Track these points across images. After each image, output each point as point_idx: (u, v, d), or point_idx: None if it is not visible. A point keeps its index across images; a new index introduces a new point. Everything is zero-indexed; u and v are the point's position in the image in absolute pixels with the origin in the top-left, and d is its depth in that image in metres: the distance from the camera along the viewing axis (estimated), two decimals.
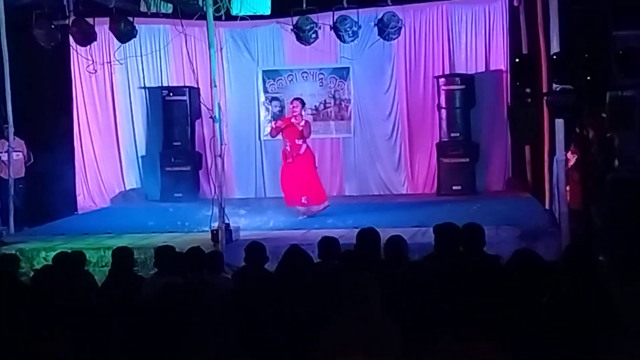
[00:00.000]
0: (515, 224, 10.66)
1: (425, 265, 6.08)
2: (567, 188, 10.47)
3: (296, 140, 12.26)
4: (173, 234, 11.31)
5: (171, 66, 15.53)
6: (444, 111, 14.48)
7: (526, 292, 5.11)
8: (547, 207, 11.98)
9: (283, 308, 5.54)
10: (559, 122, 10.17)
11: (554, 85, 9.52)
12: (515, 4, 13.93)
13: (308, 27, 12.17)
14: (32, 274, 8.02)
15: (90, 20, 12.59)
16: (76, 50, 13.94)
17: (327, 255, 6.99)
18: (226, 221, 10.35)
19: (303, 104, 12.61)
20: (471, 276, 5.13)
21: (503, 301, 5.03)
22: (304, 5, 12.19)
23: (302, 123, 12.27)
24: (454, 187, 14.29)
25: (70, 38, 12.82)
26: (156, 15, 12.59)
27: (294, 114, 12.31)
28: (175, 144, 15.24)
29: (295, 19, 12.27)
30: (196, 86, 14.53)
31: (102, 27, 13.34)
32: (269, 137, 13.46)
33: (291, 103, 12.59)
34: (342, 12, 12.46)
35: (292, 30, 12.35)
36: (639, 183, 10.06)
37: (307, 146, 12.49)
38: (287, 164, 12.38)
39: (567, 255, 5.68)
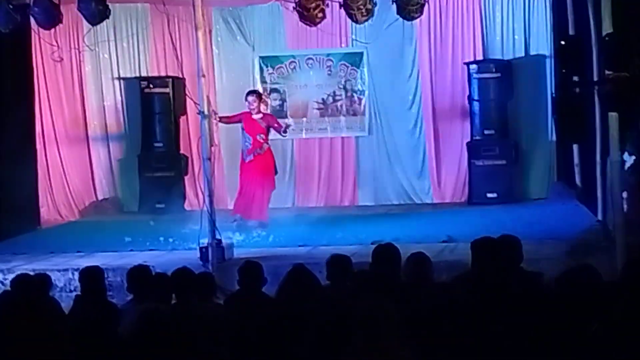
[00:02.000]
0: (561, 237, 10.70)
1: (454, 288, 6.09)
2: (624, 195, 10.45)
3: (257, 137, 12.59)
4: (154, 252, 11.37)
5: (151, 53, 15.59)
6: (476, 104, 14.50)
7: (575, 316, 5.12)
8: (599, 217, 11.97)
9: (285, 339, 5.54)
10: (613, 117, 10.14)
11: (607, 73, 9.51)
12: None
13: (313, 4, 12.15)
14: None
15: None
16: (38, 35, 13.96)
17: (337, 276, 6.99)
18: (217, 237, 10.37)
19: (260, 97, 12.95)
20: (509, 300, 5.14)
21: (547, 327, 5.03)
22: None
23: (261, 117, 12.71)
24: (489, 195, 14.31)
25: (32, 20, 12.83)
26: None
27: (251, 109, 12.59)
28: (156, 145, 15.30)
29: None
30: (181, 76, 14.57)
31: (69, 7, 13.33)
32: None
33: (246, 99, 12.78)
34: None
35: (294, 8, 12.32)
36: None
37: (269, 148, 12.84)
38: (245, 163, 12.71)
39: (624, 274, 5.67)
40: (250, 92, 13.01)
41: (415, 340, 5.08)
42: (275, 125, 12.79)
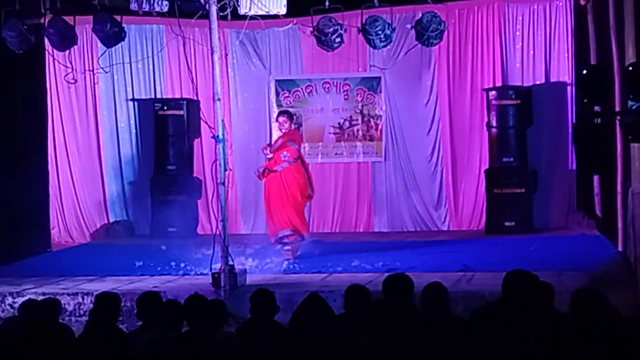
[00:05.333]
0: (580, 268, 10.61)
1: (476, 322, 6.02)
2: None
3: (281, 154, 12.36)
4: (166, 277, 11.33)
5: (166, 75, 15.64)
6: (494, 131, 14.46)
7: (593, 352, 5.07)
8: (619, 248, 11.90)
9: None
10: (635, 148, 10.12)
11: (629, 103, 9.46)
12: (582, 2, 13.91)
13: (331, 29, 12.16)
14: None
15: (69, 19, 12.65)
16: (53, 56, 14.03)
17: (354, 307, 6.92)
18: (230, 262, 10.34)
19: (291, 118, 12.77)
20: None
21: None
22: (327, 4, 12.21)
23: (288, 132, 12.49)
24: (507, 223, 14.25)
25: (46, 41, 12.89)
26: (149, 14, 12.65)
27: (284, 131, 12.46)
28: (169, 167, 15.30)
29: (315, 19, 12.29)
30: (195, 99, 14.58)
31: (83, 28, 13.43)
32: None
33: (277, 119, 12.67)
34: (373, 12, 12.48)
35: (311, 32, 12.36)
36: None
37: (294, 165, 12.52)
38: (266, 177, 12.46)
39: None
40: (280, 113, 12.84)
41: None
42: (280, 143, 12.56)
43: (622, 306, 6.98)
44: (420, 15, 12.67)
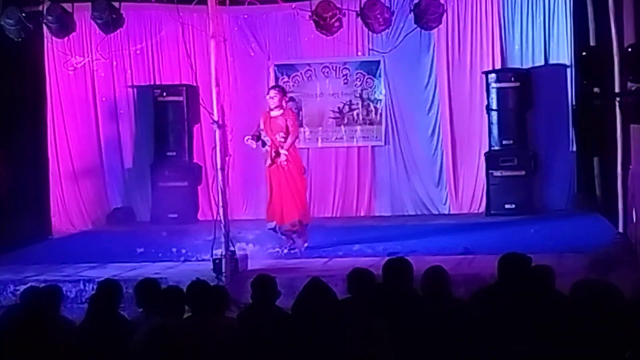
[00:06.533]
0: (581, 250, 10.62)
1: (477, 305, 6.02)
2: None
3: (277, 136, 11.93)
4: (167, 264, 11.35)
5: (165, 61, 15.61)
6: (494, 114, 14.46)
7: (598, 338, 5.07)
8: (620, 230, 11.90)
9: (301, 356, 5.51)
10: (635, 128, 10.11)
11: (629, 84, 9.47)
12: None
13: (330, 14, 12.14)
14: None
15: (68, 6, 12.62)
16: (51, 43, 14.00)
17: (358, 291, 6.92)
18: (231, 248, 10.34)
19: (283, 92, 12.33)
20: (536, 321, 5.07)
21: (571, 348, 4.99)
22: None
23: (281, 113, 11.98)
24: (507, 206, 14.29)
25: (45, 28, 12.86)
26: (147, 0, 12.64)
27: (273, 106, 12.03)
28: (169, 154, 15.31)
29: (314, 3, 12.26)
30: (195, 85, 14.55)
31: (82, 15, 13.37)
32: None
33: (267, 93, 12.38)
34: None
35: (310, 17, 12.33)
36: None
37: (294, 147, 12.17)
38: (267, 167, 12.07)
39: None
40: (271, 88, 12.56)
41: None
42: (289, 124, 12.06)
43: (623, 288, 6.98)
44: None
